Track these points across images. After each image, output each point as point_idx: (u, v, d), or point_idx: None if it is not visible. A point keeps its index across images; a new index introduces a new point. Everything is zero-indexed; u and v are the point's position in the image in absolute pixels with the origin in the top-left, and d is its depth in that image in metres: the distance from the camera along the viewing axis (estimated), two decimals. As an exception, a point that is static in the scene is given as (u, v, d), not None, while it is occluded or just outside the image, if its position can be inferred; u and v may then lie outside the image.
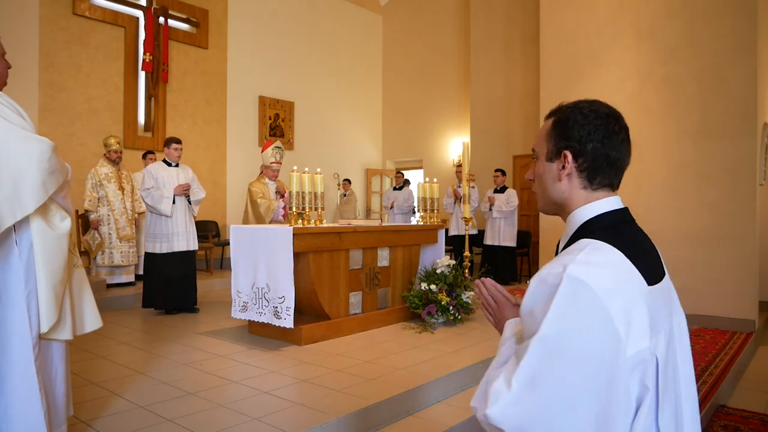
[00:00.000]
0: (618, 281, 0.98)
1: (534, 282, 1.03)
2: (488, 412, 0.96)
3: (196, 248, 5.77)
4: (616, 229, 1.08)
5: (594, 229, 1.09)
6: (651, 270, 1.06)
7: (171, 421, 2.73)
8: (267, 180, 6.01)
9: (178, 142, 5.69)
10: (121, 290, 6.43)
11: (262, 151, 6.10)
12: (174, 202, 5.52)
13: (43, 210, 2.09)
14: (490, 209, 8.15)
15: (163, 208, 5.44)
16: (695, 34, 6.42)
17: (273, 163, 5.91)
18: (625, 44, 7.04)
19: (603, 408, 0.93)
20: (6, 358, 2.01)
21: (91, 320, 2.37)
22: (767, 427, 3.58)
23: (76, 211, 6.58)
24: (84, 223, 6.71)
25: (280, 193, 6.01)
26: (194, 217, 5.81)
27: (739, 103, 6.09)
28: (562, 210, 1.18)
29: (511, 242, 8.14)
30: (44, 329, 2.06)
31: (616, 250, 1.02)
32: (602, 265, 0.99)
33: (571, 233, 1.13)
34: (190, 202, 5.69)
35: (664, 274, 1.14)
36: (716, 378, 4.24)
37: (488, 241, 8.23)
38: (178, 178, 5.62)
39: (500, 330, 1.24)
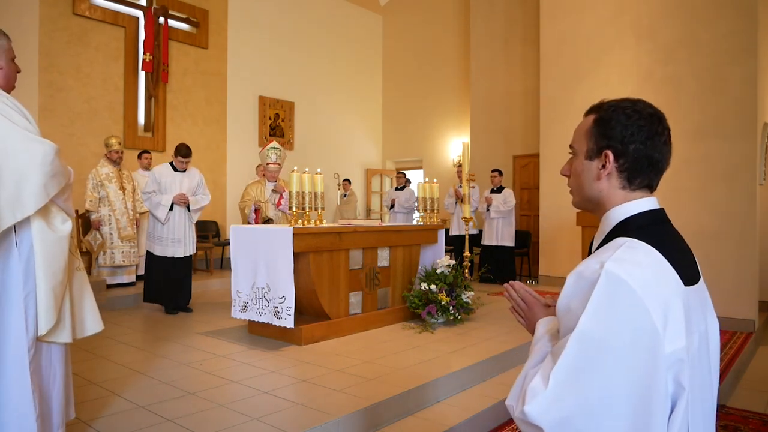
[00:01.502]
0: (656, 279, 0.98)
1: (571, 279, 1.03)
2: (526, 409, 0.97)
3: (193, 253, 5.73)
4: (652, 229, 1.08)
5: (630, 228, 1.08)
6: (687, 271, 1.06)
7: (171, 421, 2.73)
8: (266, 182, 5.89)
9: (185, 156, 5.56)
10: (121, 290, 6.42)
11: (260, 152, 6.01)
12: (172, 209, 5.50)
13: (44, 212, 2.08)
14: (488, 209, 8.15)
15: (158, 214, 5.46)
16: (695, 35, 6.42)
17: (269, 163, 5.73)
18: (625, 44, 7.04)
19: (641, 404, 0.93)
20: (1, 360, 2.00)
21: (92, 323, 2.36)
22: (767, 427, 3.58)
23: (77, 212, 6.58)
24: (85, 223, 6.71)
25: (277, 192, 5.84)
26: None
27: (739, 103, 6.09)
28: (597, 208, 1.18)
29: (510, 242, 8.14)
30: (42, 331, 2.05)
31: (653, 248, 1.02)
32: (639, 262, 0.99)
33: (607, 232, 1.13)
34: (189, 210, 5.64)
35: (699, 277, 1.13)
36: (716, 378, 4.23)
37: (486, 241, 8.24)
38: (182, 184, 5.55)
39: (532, 331, 1.24)
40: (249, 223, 5.63)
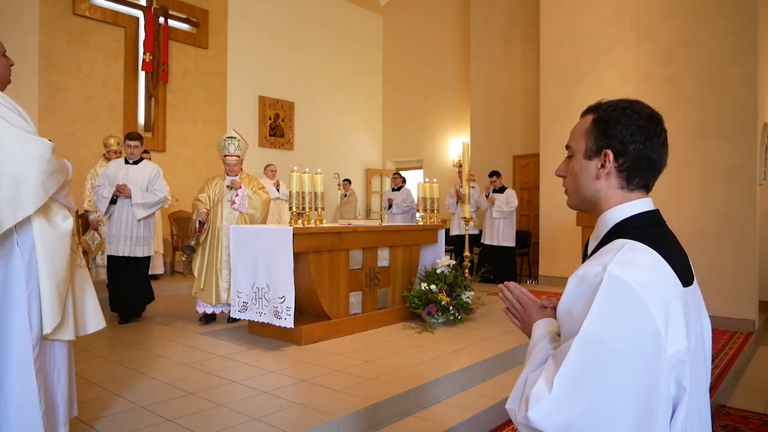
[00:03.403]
0: (656, 281, 0.98)
1: (572, 281, 1.02)
2: (530, 414, 0.96)
3: (140, 255, 5.18)
4: (650, 230, 1.08)
5: (628, 229, 1.08)
6: (684, 272, 1.06)
7: (171, 421, 2.73)
8: (226, 176, 5.23)
9: (133, 138, 5.21)
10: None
11: (217, 144, 5.35)
12: (115, 202, 5.10)
13: (44, 210, 2.09)
14: (490, 208, 8.16)
15: (101, 207, 5.16)
16: (695, 35, 6.42)
17: (227, 156, 5.10)
18: (625, 44, 7.04)
19: (646, 407, 0.93)
20: (5, 358, 2.01)
21: (94, 321, 2.37)
22: (767, 427, 3.58)
23: (76, 212, 6.58)
24: (84, 223, 6.71)
25: (233, 188, 5.13)
26: (148, 220, 5.23)
27: (739, 103, 6.09)
28: (594, 208, 1.17)
29: (510, 242, 8.14)
30: (48, 330, 2.05)
31: (653, 250, 1.02)
32: (641, 265, 0.98)
33: (604, 233, 1.13)
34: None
35: (693, 277, 1.13)
36: (716, 378, 4.24)
37: (487, 241, 8.24)
38: (129, 176, 5.13)
39: (527, 332, 1.23)
40: (194, 229, 5.04)
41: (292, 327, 4.13)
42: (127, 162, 5.26)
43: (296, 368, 3.65)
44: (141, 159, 5.33)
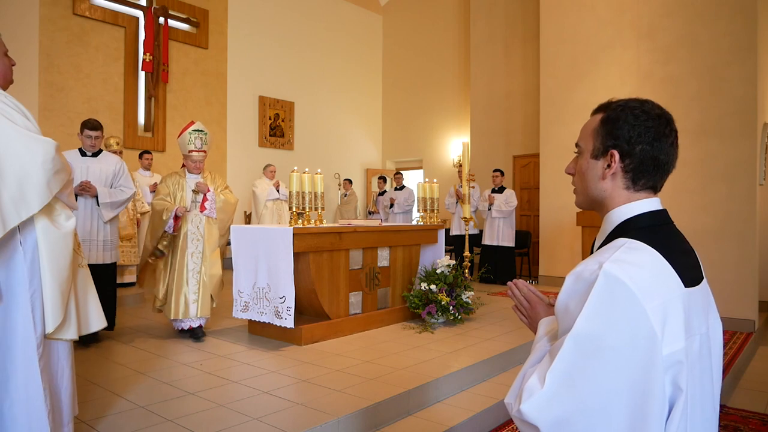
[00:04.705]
0: (655, 281, 0.97)
1: (569, 278, 1.02)
2: (522, 408, 0.97)
3: (110, 261, 4.53)
4: (654, 230, 1.07)
5: (631, 228, 1.08)
6: (688, 272, 1.05)
7: (171, 421, 2.74)
8: (187, 174, 4.64)
9: (93, 128, 4.45)
10: (122, 290, 6.41)
11: (178, 137, 4.75)
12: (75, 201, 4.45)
13: (48, 209, 2.09)
14: (489, 209, 8.16)
15: None
16: (695, 34, 6.42)
17: (193, 151, 4.57)
18: (624, 44, 7.04)
19: (638, 407, 0.92)
20: (10, 358, 2.01)
21: (96, 320, 2.38)
22: (767, 427, 3.58)
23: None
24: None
25: (199, 192, 4.56)
26: (114, 223, 4.58)
27: (739, 103, 6.09)
28: (600, 207, 1.17)
29: (510, 242, 8.14)
30: (50, 329, 2.06)
31: (654, 250, 1.01)
32: (639, 264, 0.98)
33: (608, 232, 1.12)
34: (98, 204, 4.40)
35: (702, 278, 1.12)
36: (716, 378, 4.23)
37: (487, 241, 8.24)
38: (89, 171, 4.41)
39: (534, 329, 1.24)
40: (165, 231, 4.38)
41: (293, 327, 4.13)
42: (84, 154, 4.48)
43: (296, 368, 3.65)
44: (100, 150, 4.57)
